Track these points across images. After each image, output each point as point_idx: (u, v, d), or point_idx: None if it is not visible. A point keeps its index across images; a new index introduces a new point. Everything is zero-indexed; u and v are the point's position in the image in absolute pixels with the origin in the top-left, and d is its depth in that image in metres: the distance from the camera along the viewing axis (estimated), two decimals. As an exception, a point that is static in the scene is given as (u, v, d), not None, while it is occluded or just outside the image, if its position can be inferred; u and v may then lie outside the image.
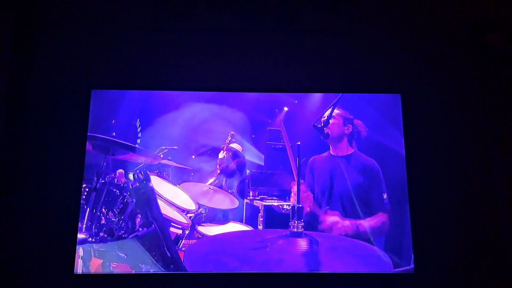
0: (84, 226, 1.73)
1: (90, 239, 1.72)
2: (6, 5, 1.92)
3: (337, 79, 2.01)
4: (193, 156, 1.80)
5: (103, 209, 1.75)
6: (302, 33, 2.05)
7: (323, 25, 2.05)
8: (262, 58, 2.02)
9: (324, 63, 2.03)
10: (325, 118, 1.85)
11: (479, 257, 1.84)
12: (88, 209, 1.75)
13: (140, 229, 1.74)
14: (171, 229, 1.74)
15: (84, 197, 1.75)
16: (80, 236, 1.72)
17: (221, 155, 1.81)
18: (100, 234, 1.73)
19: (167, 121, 1.84)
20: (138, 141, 1.81)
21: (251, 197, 1.79)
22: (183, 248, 1.72)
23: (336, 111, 1.86)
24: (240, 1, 2.05)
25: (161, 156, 1.79)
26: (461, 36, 2.06)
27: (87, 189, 1.76)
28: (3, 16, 1.90)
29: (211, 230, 1.75)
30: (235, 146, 1.82)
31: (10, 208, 1.82)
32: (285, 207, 1.78)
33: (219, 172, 1.80)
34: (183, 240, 1.73)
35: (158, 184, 1.77)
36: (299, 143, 1.83)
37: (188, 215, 1.76)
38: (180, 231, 1.74)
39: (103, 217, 1.75)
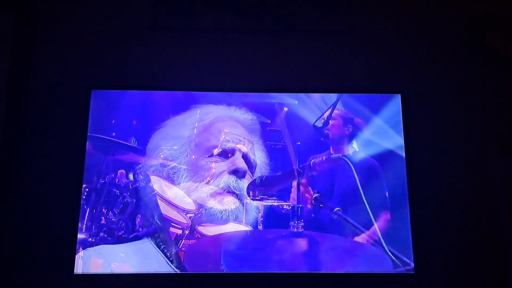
0: (84, 226, 1.73)
1: (90, 239, 1.72)
2: (6, 5, 1.92)
3: (337, 79, 2.01)
4: (193, 156, 1.79)
5: (103, 209, 1.76)
6: (302, 33, 2.05)
7: (323, 25, 2.04)
8: (262, 58, 2.02)
9: (324, 63, 2.02)
10: (325, 118, 1.85)
11: (479, 257, 1.84)
12: (88, 209, 1.75)
13: (140, 229, 1.74)
14: (171, 229, 1.74)
15: (84, 197, 1.76)
16: (80, 236, 1.72)
17: (218, 155, 1.80)
18: (100, 234, 1.73)
19: (167, 121, 1.83)
20: (137, 141, 1.81)
21: (251, 197, 1.78)
22: (183, 248, 1.72)
23: (336, 111, 1.86)
24: (240, 1, 2.05)
25: (161, 156, 1.79)
26: (461, 36, 2.06)
27: (87, 189, 1.76)
28: (3, 16, 1.89)
29: (211, 230, 1.75)
30: (239, 146, 1.81)
31: (10, 209, 1.82)
32: (285, 207, 1.78)
33: (214, 171, 1.79)
34: (183, 240, 1.73)
35: (158, 184, 1.77)
36: (299, 143, 1.83)
37: (188, 215, 1.76)
38: (180, 231, 1.74)
39: (103, 217, 1.75)
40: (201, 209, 1.76)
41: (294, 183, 1.77)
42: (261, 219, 1.77)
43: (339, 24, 2.05)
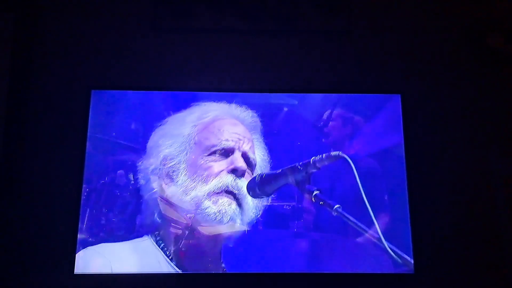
0: (84, 226, 1.73)
1: (90, 239, 1.72)
2: (6, 5, 1.92)
3: (336, 79, 2.01)
4: (193, 156, 1.79)
5: (103, 210, 1.76)
6: (302, 33, 2.05)
7: (322, 26, 2.05)
8: (262, 58, 2.02)
9: (324, 63, 2.03)
10: (325, 118, 1.85)
11: (479, 257, 1.84)
12: (88, 209, 1.75)
13: (140, 229, 1.74)
14: (171, 229, 1.74)
15: (84, 197, 1.76)
16: (80, 236, 1.72)
17: (217, 154, 1.79)
18: (100, 234, 1.73)
19: (168, 118, 1.83)
20: (137, 141, 1.81)
21: (250, 195, 1.77)
22: (183, 248, 1.72)
23: (335, 111, 1.86)
24: (240, 1, 2.05)
25: (161, 156, 1.79)
26: (461, 36, 2.06)
27: (87, 190, 1.76)
28: (3, 16, 1.90)
29: (211, 230, 1.75)
30: (239, 146, 1.80)
31: (10, 209, 1.82)
32: (285, 207, 1.78)
33: (212, 170, 1.77)
34: (183, 240, 1.73)
35: (157, 184, 1.77)
36: (299, 143, 1.83)
37: (188, 215, 1.75)
38: (180, 231, 1.74)
39: (103, 218, 1.75)
40: (199, 210, 1.75)
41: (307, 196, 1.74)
42: (261, 219, 1.77)
43: (339, 24, 2.05)
